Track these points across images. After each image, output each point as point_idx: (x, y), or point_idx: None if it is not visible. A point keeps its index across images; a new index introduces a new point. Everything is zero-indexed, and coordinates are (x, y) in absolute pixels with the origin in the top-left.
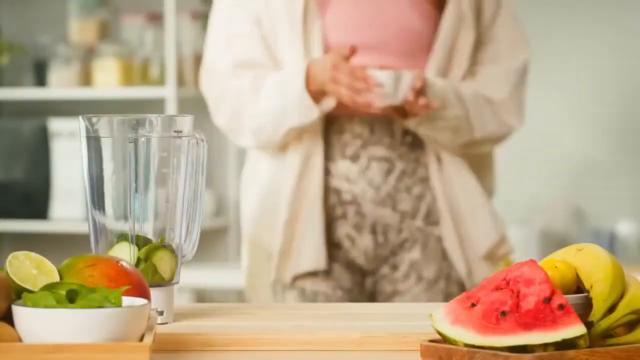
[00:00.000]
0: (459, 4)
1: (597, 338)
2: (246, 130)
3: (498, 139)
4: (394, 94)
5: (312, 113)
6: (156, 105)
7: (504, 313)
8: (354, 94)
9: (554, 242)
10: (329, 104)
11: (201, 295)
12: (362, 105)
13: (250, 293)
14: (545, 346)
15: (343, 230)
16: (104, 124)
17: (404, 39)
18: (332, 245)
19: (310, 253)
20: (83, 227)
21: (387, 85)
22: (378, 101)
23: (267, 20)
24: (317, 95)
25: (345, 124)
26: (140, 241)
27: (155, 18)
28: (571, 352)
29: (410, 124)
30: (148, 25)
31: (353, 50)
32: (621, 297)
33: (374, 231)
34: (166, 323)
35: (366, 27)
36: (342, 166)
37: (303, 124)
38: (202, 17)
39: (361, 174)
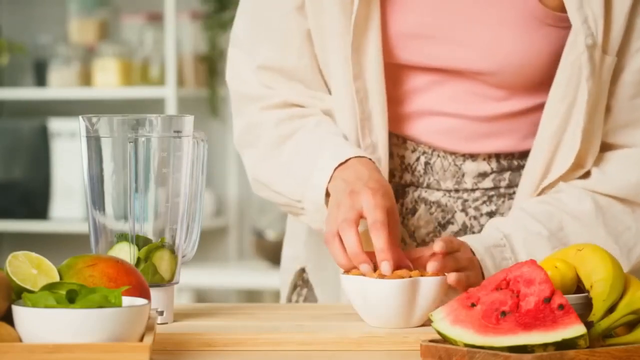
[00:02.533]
0: (584, 17)
1: (597, 338)
2: (250, 171)
3: None
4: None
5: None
6: (156, 105)
7: (504, 313)
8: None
9: None
10: None
11: (201, 295)
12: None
13: None
14: (545, 346)
15: None
16: (104, 124)
17: (512, 68)
18: None
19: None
20: (83, 227)
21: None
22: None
23: (312, 6)
24: None
25: (392, 146)
26: (140, 241)
27: (155, 18)
28: (571, 352)
29: None
30: (148, 25)
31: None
32: (621, 297)
33: None
34: (166, 323)
35: (459, 46)
36: None
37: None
38: (202, 17)
39: (402, 218)
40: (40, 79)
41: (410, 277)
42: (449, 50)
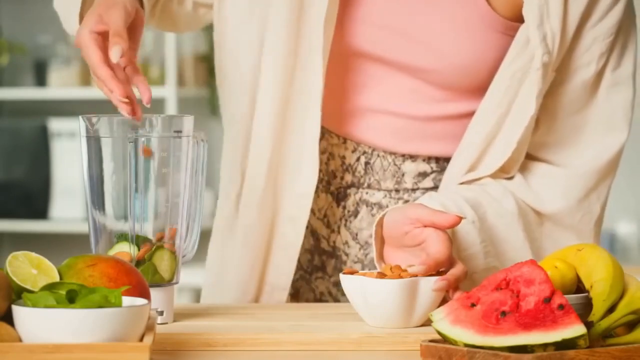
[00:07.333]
0: (533, 26)
1: (597, 338)
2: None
3: None
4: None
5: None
6: (156, 105)
7: (504, 313)
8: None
9: None
10: None
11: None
12: None
13: None
14: (545, 346)
15: (323, 286)
16: (104, 124)
17: (456, 69)
18: (315, 300)
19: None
20: (83, 227)
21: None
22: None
23: None
24: None
25: (333, 146)
26: (140, 241)
27: None
28: (571, 352)
29: None
30: (148, 25)
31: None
32: (621, 297)
33: None
34: (166, 323)
35: (407, 39)
36: (322, 201)
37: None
38: None
39: (344, 221)
40: (40, 79)
41: (410, 277)
42: (397, 42)
